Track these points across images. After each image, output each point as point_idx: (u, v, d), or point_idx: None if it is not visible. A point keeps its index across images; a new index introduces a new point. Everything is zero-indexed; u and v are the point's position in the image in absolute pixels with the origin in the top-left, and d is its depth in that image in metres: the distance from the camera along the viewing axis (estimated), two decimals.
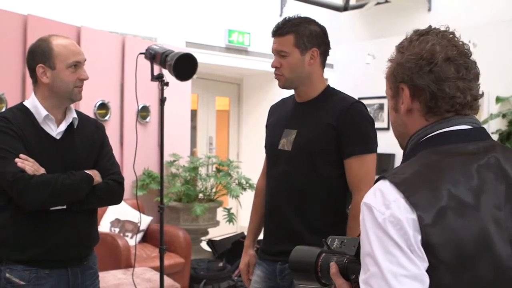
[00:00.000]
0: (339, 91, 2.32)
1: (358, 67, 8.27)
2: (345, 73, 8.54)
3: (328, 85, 2.31)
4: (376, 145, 2.22)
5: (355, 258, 1.23)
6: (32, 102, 2.17)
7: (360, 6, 8.12)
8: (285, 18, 2.24)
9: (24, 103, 2.20)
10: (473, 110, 1.23)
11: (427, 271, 1.06)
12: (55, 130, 2.18)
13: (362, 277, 1.10)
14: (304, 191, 2.19)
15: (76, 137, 2.24)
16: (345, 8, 8.42)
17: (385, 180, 1.14)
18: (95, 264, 2.36)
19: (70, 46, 2.18)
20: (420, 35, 1.24)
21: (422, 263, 1.06)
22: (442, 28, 1.25)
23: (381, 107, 8.05)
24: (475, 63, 1.23)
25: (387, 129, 7.99)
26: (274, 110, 2.47)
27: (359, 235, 1.21)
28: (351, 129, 2.14)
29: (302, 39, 2.16)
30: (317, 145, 2.16)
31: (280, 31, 2.19)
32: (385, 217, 1.07)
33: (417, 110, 1.23)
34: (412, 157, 1.20)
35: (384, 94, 5.83)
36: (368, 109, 8.49)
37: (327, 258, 1.31)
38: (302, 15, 2.25)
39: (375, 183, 1.17)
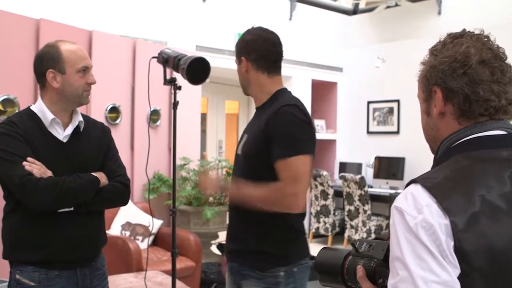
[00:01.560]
0: (287, 95, 2.30)
1: (367, 71, 8.25)
2: (354, 77, 8.53)
3: (280, 89, 2.31)
4: (309, 146, 2.16)
5: (383, 262, 1.22)
6: (39, 107, 2.21)
7: (370, 10, 8.12)
8: None
9: (31, 107, 2.23)
10: (507, 114, 1.21)
11: (458, 278, 1.04)
12: (62, 134, 2.21)
13: (390, 281, 1.08)
14: None
15: (82, 140, 2.27)
16: (355, 11, 8.43)
17: (417, 184, 1.12)
18: (104, 265, 2.39)
19: (78, 51, 2.22)
20: (454, 37, 1.22)
21: (453, 270, 1.04)
22: (477, 31, 1.23)
23: (390, 110, 8.02)
24: (511, 66, 1.21)
25: (397, 132, 7.98)
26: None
27: (388, 239, 1.21)
28: (276, 132, 2.13)
29: (236, 51, 2.32)
30: (252, 149, 2.22)
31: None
32: (417, 222, 1.05)
33: (450, 114, 1.21)
34: (444, 162, 1.18)
35: (394, 98, 5.91)
36: (377, 112, 8.46)
37: (354, 261, 1.31)
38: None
39: (406, 187, 1.15)
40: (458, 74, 1.17)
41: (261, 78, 2.29)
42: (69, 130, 2.23)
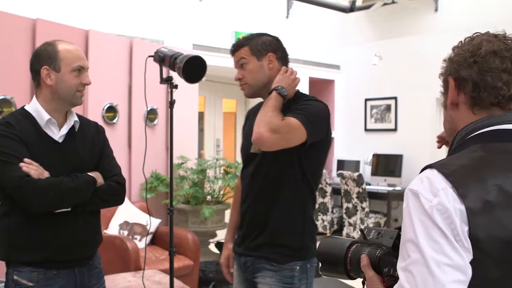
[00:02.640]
0: (308, 95, 2.39)
1: (364, 68, 8.26)
2: (351, 74, 8.54)
3: (298, 90, 2.37)
4: (318, 132, 2.22)
5: (390, 251, 1.22)
6: (34, 106, 2.20)
7: (367, 7, 8.11)
8: (238, 37, 2.40)
9: (25, 107, 2.23)
10: None
11: (470, 263, 1.04)
12: (57, 134, 2.21)
13: (401, 264, 1.09)
14: (264, 191, 2.29)
15: (77, 140, 2.27)
16: (351, 9, 8.42)
17: (433, 169, 1.13)
18: (100, 263, 2.40)
19: (75, 51, 2.23)
20: (474, 36, 1.27)
21: (466, 254, 1.04)
22: (500, 33, 1.27)
23: (388, 108, 8.03)
24: None
25: (395, 130, 7.99)
26: (250, 115, 2.57)
27: (397, 228, 1.23)
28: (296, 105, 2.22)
29: (256, 47, 2.31)
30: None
31: (235, 47, 2.36)
32: (433, 205, 1.06)
33: (463, 103, 1.24)
34: (460, 151, 1.20)
35: (391, 95, 5.92)
36: (375, 110, 8.50)
37: (358, 250, 1.31)
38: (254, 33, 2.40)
39: (421, 172, 1.17)
40: (469, 63, 1.21)
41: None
42: (65, 130, 2.23)
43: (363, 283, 1.28)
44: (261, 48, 2.31)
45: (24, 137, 2.11)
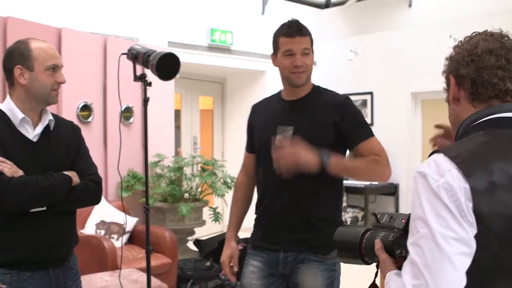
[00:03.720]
0: (326, 88, 2.53)
1: (340, 64, 8.30)
2: (328, 70, 8.56)
3: (314, 84, 2.49)
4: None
5: (403, 233, 1.31)
6: (8, 105, 2.18)
7: (342, 3, 8.15)
8: (293, 19, 2.47)
9: None
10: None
11: (474, 237, 1.14)
12: (32, 133, 2.18)
13: (410, 240, 1.18)
14: (304, 184, 2.30)
15: (52, 139, 2.25)
16: (327, 5, 8.45)
17: (439, 153, 1.22)
18: (76, 264, 2.37)
19: (49, 50, 2.20)
20: (474, 35, 1.36)
21: (470, 229, 1.14)
22: (496, 31, 1.35)
23: (364, 103, 8.09)
24: None
25: (371, 124, 8.04)
26: (259, 109, 2.58)
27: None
28: (352, 120, 2.37)
29: (312, 41, 2.43)
30: (316, 139, 2.28)
31: (302, 31, 2.41)
32: (439, 184, 1.16)
33: (463, 98, 1.34)
34: (464, 138, 1.30)
35: (367, 90, 5.92)
36: None
37: (372, 237, 1.42)
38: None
39: (428, 157, 1.26)
40: (467, 62, 1.31)
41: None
42: (39, 129, 2.20)
43: (377, 266, 1.39)
44: (312, 44, 2.43)
45: None
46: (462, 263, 1.12)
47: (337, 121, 2.34)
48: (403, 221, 1.34)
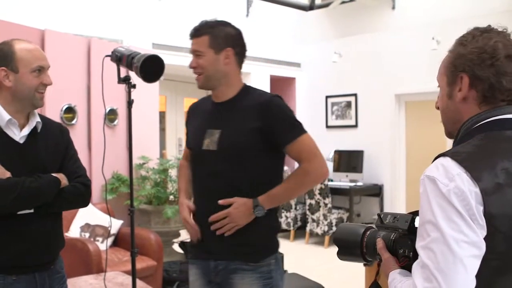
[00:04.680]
0: (257, 88, 2.41)
1: (325, 66, 8.34)
2: (312, 72, 8.61)
3: (245, 84, 2.38)
4: (303, 127, 2.34)
5: (405, 233, 1.34)
6: None
7: (326, 5, 8.19)
8: (202, 21, 2.33)
9: None
10: None
11: (484, 238, 1.16)
12: (18, 135, 2.16)
13: (420, 243, 1.20)
14: (233, 189, 2.24)
15: (39, 141, 2.22)
16: (311, 7, 8.49)
17: (446, 157, 1.23)
18: (62, 268, 2.34)
19: (34, 51, 2.17)
20: (483, 31, 1.34)
21: (480, 231, 1.16)
22: (500, 29, 1.35)
23: (348, 104, 8.13)
24: None
25: (355, 126, 8.09)
26: (195, 110, 2.54)
27: (411, 213, 1.36)
28: (276, 121, 2.24)
29: (216, 40, 2.26)
30: (242, 144, 2.22)
31: (196, 32, 2.30)
32: (450, 189, 1.17)
33: (472, 98, 1.33)
34: (468, 140, 1.30)
35: (351, 92, 5.96)
36: (336, 107, 8.55)
37: (373, 235, 1.43)
38: (219, 19, 2.36)
39: (433, 161, 1.26)
40: (486, 65, 1.29)
41: (236, 73, 2.35)
42: (26, 131, 2.17)
43: (379, 264, 1.41)
44: (222, 41, 2.27)
45: None
46: (473, 265, 1.15)
47: (261, 125, 2.22)
48: (406, 222, 1.35)
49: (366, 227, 1.48)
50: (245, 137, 2.23)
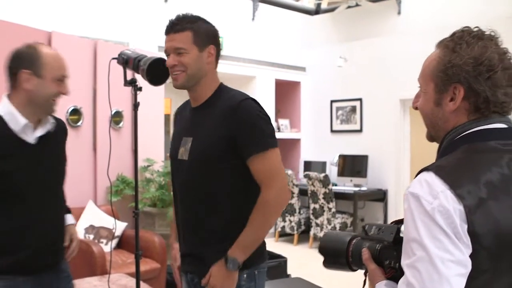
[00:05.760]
0: (232, 89, 2.19)
1: (330, 70, 8.34)
2: (317, 77, 8.61)
3: (221, 83, 2.19)
4: (274, 139, 2.07)
5: (391, 245, 1.32)
6: (7, 109, 2.11)
7: (332, 10, 8.20)
8: (178, 15, 2.15)
9: None
10: (510, 111, 1.32)
11: (470, 256, 1.14)
12: (32, 136, 2.14)
13: (406, 261, 1.17)
14: (208, 199, 2.08)
15: (51, 140, 2.22)
16: (317, 11, 8.51)
17: (429, 172, 1.20)
18: (68, 267, 2.37)
19: (60, 60, 2.17)
20: (476, 37, 1.29)
21: (466, 250, 1.14)
22: (488, 32, 1.31)
23: (353, 109, 8.12)
24: None
25: (360, 131, 8.08)
26: (178, 115, 2.38)
27: (394, 222, 1.35)
28: (243, 129, 2.01)
29: (199, 36, 2.08)
30: (210, 152, 2.04)
31: (176, 27, 2.09)
32: (434, 207, 1.15)
33: (464, 109, 1.29)
34: (450, 151, 1.28)
35: (356, 97, 5.94)
36: (340, 111, 8.48)
37: (359, 244, 1.40)
38: (194, 14, 2.18)
39: (417, 175, 1.23)
40: (484, 78, 1.25)
41: (214, 72, 2.18)
42: (39, 132, 2.16)
43: (365, 274, 1.38)
44: (205, 38, 2.09)
45: None
46: (459, 284, 1.13)
47: (228, 133, 2.01)
48: (391, 234, 1.33)
49: (352, 235, 1.45)
50: (213, 147, 2.03)
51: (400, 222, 1.33)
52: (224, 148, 2.02)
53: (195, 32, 2.07)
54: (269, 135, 2.05)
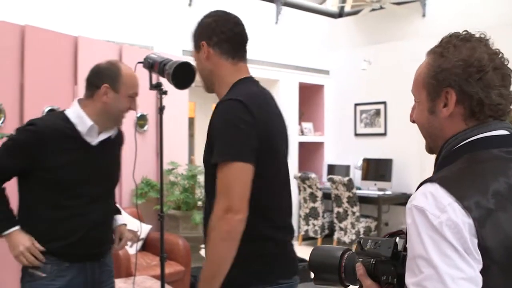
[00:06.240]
0: (239, 87, 1.95)
1: (354, 73, 8.30)
2: (341, 80, 8.58)
3: (238, 81, 1.96)
4: (240, 150, 1.76)
5: (388, 259, 1.23)
6: (77, 113, 2.31)
7: (355, 13, 8.17)
8: None
9: (65, 112, 2.33)
10: (508, 115, 1.27)
11: (480, 272, 1.07)
12: (95, 139, 2.33)
13: (411, 279, 1.10)
14: (209, 203, 1.87)
15: (109, 144, 2.41)
16: (340, 14, 8.48)
17: (434, 183, 1.14)
18: (112, 263, 2.51)
19: (135, 79, 2.39)
20: (463, 40, 1.25)
21: (477, 265, 1.07)
22: (477, 35, 1.27)
23: (377, 112, 8.07)
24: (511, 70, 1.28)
25: (384, 134, 8.02)
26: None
27: (389, 235, 1.27)
28: (212, 134, 1.83)
29: (194, 38, 2.04)
30: (206, 158, 1.88)
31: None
32: (441, 221, 1.08)
33: (459, 115, 1.24)
34: (453, 161, 1.22)
35: (381, 100, 5.91)
36: (364, 114, 8.44)
37: (352, 258, 1.32)
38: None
39: (419, 187, 1.18)
40: (474, 79, 1.21)
41: (223, 66, 1.97)
42: (103, 136, 2.36)
43: None
44: (198, 37, 2.02)
45: (49, 143, 2.19)
46: None
47: (209, 137, 1.85)
48: (389, 249, 1.23)
49: (344, 249, 1.35)
50: (206, 152, 1.88)
51: (395, 234, 1.27)
52: (211, 153, 1.83)
53: (192, 36, 2.07)
54: (233, 144, 1.77)
